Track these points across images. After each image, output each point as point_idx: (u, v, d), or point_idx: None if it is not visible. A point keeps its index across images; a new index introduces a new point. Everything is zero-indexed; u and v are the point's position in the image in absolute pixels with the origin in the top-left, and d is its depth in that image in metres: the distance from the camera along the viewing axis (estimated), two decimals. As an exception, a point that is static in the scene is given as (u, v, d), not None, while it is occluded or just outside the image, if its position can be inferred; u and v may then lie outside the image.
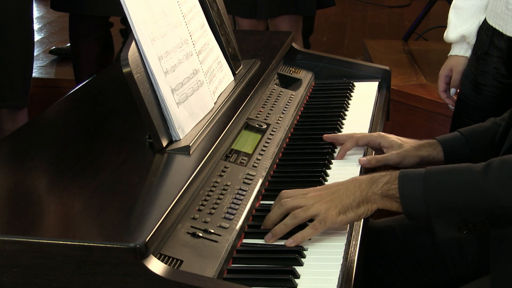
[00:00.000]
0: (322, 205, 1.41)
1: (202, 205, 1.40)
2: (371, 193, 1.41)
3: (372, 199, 1.41)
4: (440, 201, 1.36)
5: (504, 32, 2.21)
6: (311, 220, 1.41)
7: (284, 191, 1.46)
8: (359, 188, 1.42)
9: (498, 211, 1.33)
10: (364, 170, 1.71)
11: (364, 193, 1.42)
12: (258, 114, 1.86)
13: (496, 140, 1.66)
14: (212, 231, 1.34)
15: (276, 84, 2.11)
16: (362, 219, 1.50)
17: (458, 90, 2.48)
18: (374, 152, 1.81)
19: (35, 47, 4.78)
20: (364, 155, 1.76)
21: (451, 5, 2.45)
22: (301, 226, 1.41)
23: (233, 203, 1.45)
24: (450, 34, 2.43)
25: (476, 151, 1.74)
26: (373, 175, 1.45)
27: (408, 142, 1.76)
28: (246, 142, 1.70)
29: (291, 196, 1.44)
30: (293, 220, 1.40)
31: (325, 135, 1.83)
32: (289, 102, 2.01)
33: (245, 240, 1.42)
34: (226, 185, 1.49)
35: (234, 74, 1.90)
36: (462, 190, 1.34)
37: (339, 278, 1.29)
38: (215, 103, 1.71)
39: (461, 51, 2.43)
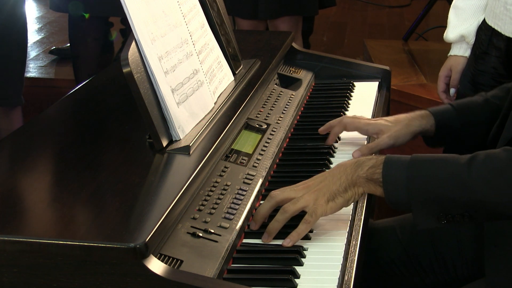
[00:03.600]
0: (311, 195, 1.41)
1: (202, 205, 1.40)
2: (356, 176, 1.41)
3: (358, 182, 1.41)
4: (422, 191, 1.35)
5: (502, 32, 2.21)
6: (304, 213, 1.41)
7: (273, 191, 1.46)
8: (344, 173, 1.42)
9: (478, 206, 1.33)
10: None
11: (350, 177, 1.41)
12: (258, 114, 1.86)
13: (490, 137, 1.66)
14: (212, 231, 1.34)
15: (276, 84, 2.11)
16: (363, 219, 1.50)
17: (457, 90, 2.48)
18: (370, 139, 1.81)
19: (35, 47, 4.80)
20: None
21: (451, 5, 2.46)
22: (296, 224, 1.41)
23: (233, 203, 1.45)
24: (450, 34, 2.43)
25: (466, 125, 1.74)
26: (359, 158, 1.45)
27: (398, 121, 1.76)
28: (246, 142, 1.70)
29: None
30: (284, 214, 1.40)
31: (320, 129, 1.82)
32: (289, 102, 2.01)
33: (245, 240, 1.42)
34: (226, 185, 1.49)
35: (234, 74, 1.90)
36: (445, 182, 1.34)
37: (339, 278, 1.29)
38: (215, 103, 1.71)
39: (461, 51, 2.43)
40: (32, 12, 5.82)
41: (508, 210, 1.32)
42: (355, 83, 2.26)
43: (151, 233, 1.17)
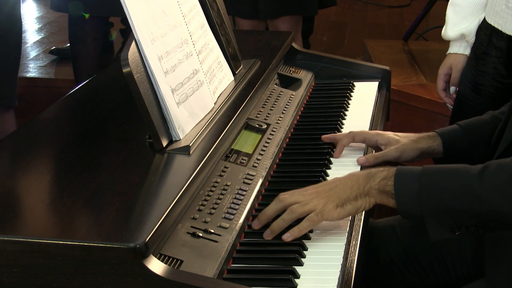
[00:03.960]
0: (320, 200, 1.41)
1: (202, 205, 1.40)
2: (368, 187, 1.42)
3: (370, 193, 1.42)
4: (434, 202, 1.35)
5: (503, 31, 2.19)
6: None
7: (281, 193, 1.46)
8: (356, 183, 1.43)
9: (492, 216, 1.33)
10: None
11: (362, 187, 1.42)
12: (258, 114, 1.86)
13: (493, 140, 1.66)
14: (212, 231, 1.34)
15: (276, 84, 2.11)
16: (362, 219, 1.50)
17: (457, 89, 2.47)
18: (373, 151, 1.81)
19: (35, 47, 4.80)
20: (364, 155, 1.76)
21: (449, 2, 2.43)
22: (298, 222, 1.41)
23: (233, 203, 1.45)
24: (449, 32, 2.41)
25: (474, 144, 1.74)
26: (371, 170, 1.45)
27: (406, 137, 1.76)
28: (246, 142, 1.70)
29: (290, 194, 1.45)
30: (291, 215, 1.40)
31: (323, 136, 1.83)
32: (289, 102, 2.01)
33: (245, 240, 1.42)
34: (226, 185, 1.49)
35: (234, 74, 1.90)
36: (457, 193, 1.34)
37: (339, 278, 1.29)
38: (215, 103, 1.71)
39: (460, 49, 2.42)
40: (32, 12, 5.82)
41: None
42: (355, 83, 2.26)
43: (151, 233, 1.17)
